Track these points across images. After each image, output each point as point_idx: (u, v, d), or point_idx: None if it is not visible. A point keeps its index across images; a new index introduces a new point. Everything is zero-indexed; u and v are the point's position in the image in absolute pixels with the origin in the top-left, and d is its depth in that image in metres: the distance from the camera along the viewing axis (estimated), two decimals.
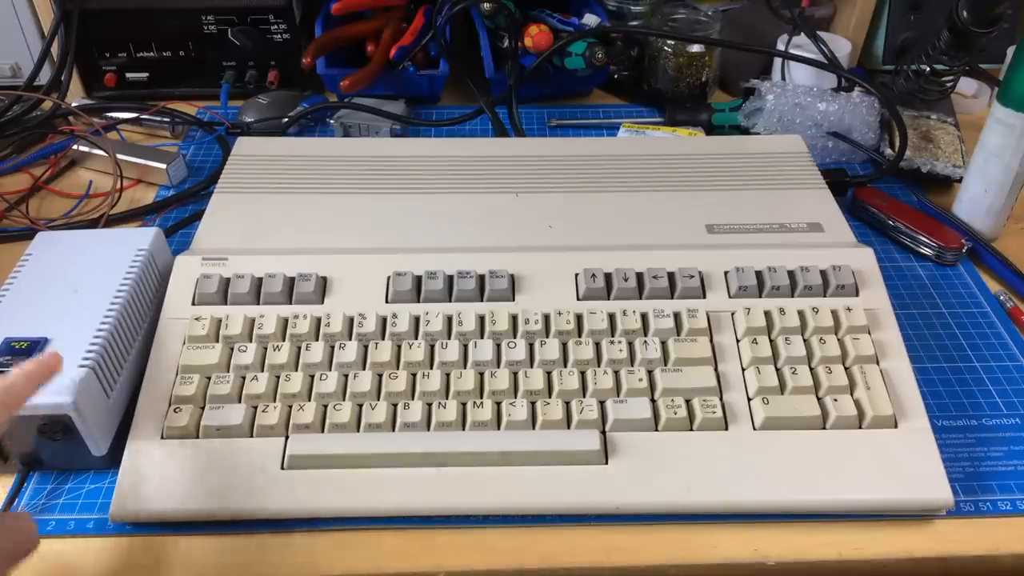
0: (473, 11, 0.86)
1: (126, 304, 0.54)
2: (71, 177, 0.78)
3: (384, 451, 0.49)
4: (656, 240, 0.60)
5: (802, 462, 0.49)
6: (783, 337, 0.54)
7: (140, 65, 0.87)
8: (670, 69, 0.86)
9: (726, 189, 0.66)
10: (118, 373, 0.52)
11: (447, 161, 0.68)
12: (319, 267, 0.57)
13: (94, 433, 0.49)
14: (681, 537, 0.48)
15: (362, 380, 0.52)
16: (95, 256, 0.57)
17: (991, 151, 0.66)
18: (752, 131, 0.80)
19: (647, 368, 0.53)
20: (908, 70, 0.81)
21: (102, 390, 0.50)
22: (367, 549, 0.47)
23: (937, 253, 0.68)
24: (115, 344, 0.52)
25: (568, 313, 0.55)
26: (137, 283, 0.55)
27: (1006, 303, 0.64)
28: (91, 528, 0.48)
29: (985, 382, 0.58)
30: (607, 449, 0.50)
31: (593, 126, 0.86)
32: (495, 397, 0.51)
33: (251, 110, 0.83)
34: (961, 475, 0.51)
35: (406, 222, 0.62)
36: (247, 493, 0.48)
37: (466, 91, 0.86)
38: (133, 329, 0.55)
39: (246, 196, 0.64)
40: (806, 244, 0.60)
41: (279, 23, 0.85)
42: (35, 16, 0.84)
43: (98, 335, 0.51)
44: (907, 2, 0.90)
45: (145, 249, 0.57)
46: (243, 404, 0.51)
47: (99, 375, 0.50)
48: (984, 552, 0.48)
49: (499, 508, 0.48)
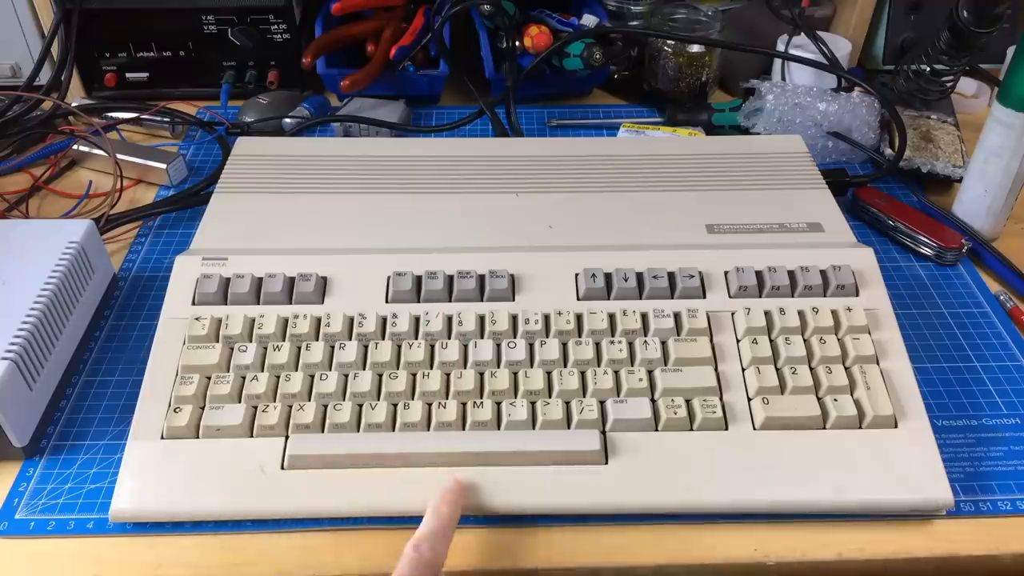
0: (473, 11, 0.86)
1: (53, 296, 0.54)
2: (71, 177, 0.78)
3: (384, 451, 0.49)
4: (656, 240, 0.60)
5: (802, 462, 0.49)
6: (783, 337, 0.54)
7: (140, 65, 0.87)
8: (670, 69, 0.86)
9: (726, 189, 0.66)
10: (42, 365, 0.53)
11: (447, 161, 0.69)
12: (319, 267, 0.57)
13: (14, 424, 0.50)
14: (681, 537, 0.48)
15: (362, 380, 0.52)
16: (26, 247, 0.57)
17: (991, 151, 0.66)
18: (752, 131, 0.80)
19: (647, 368, 0.53)
20: (908, 70, 0.81)
21: (24, 382, 0.51)
22: (367, 549, 0.47)
23: (937, 253, 0.67)
24: (39, 336, 0.52)
25: (568, 313, 0.55)
26: (66, 275, 0.56)
27: (1006, 303, 0.64)
28: (91, 528, 0.48)
29: (985, 382, 0.58)
30: (607, 449, 0.50)
31: (593, 126, 0.86)
32: (495, 397, 0.51)
33: (251, 110, 0.83)
34: (961, 475, 0.51)
35: (406, 222, 0.62)
36: (247, 493, 0.48)
37: (466, 91, 0.87)
38: (59, 321, 0.55)
39: (246, 196, 0.64)
40: (806, 244, 0.60)
41: (279, 23, 0.85)
42: (35, 16, 0.84)
43: (22, 327, 0.51)
44: (907, 2, 0.90)
45: (76, 242, 0.58)
46: (243, 404, 0.51)
47: (21, 367, 0.50)
48: (984, 552, 0.48)
49: (499, 508, 0.48)
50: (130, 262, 0.68)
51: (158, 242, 0.70)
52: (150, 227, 0.72)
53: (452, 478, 0.47)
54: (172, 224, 0.72)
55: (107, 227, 0.69)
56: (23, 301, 0.53)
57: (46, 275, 0.55)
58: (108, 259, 0.64)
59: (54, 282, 0.55)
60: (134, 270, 0.67)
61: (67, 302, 0.56)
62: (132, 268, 0.67)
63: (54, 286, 0.55)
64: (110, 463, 0.52)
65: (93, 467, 0.52)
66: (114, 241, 0.70)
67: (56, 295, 0.55)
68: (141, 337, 0.60)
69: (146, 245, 0.69)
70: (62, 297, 0.56)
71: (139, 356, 0.58)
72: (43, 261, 0.56)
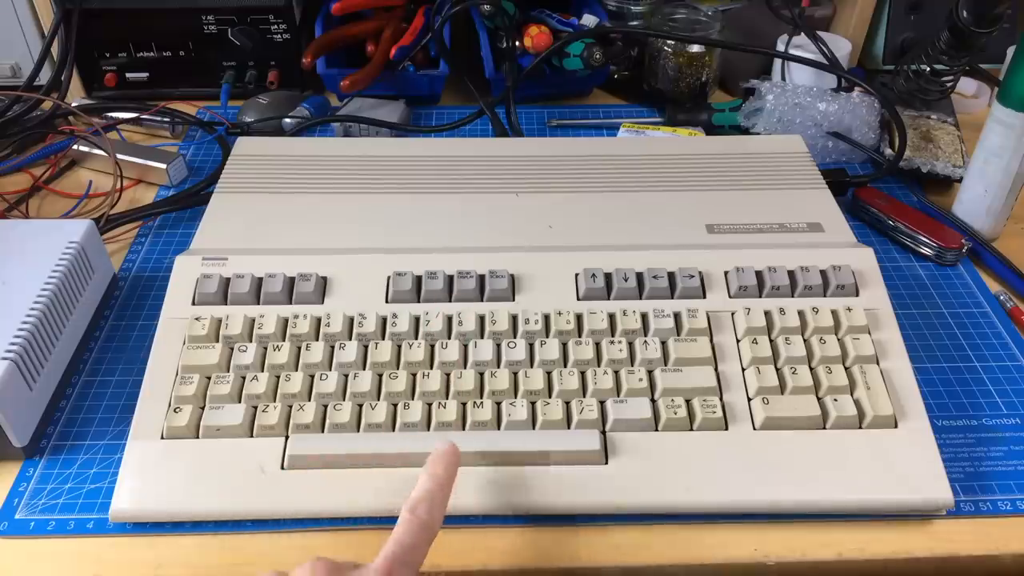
0: (473, 11, 0.86)
1: (53, 296, 0.54)
2: (71, 177, 0.78)
3: (384, 451, 0.49)
4: (656, 240, 0.60)
5: (802, 462, 0.49)
6: (783, 337, 0.54)
7: (140, 65, 0.87)
8: (670, 69, 0.86)
9: (726, 189, 0.66)
10: (42, 365, 0.53)
11: (447, 161, 0.68)
12: (319, 267, 0.57)
13: (14, 424, 0.50)
14: (681, 537, 0.48)
15: (362, 380, 0.52)
16: (26, 247, 0.57)
17: (991, 151, 0.66)
18: (752, 131, 0.80)
19: (647, 368, 0.53)
20: (908, 70, 0.81)
21: (24, 382, 0.51)
22: (367, 549, 0.47)
23: (937, 253, 0.67)
24: (39, 336, 0.52)
25: (568, 313, 0.55)
26: (66, 275, 0.56)
27: (1006, 303, 0.64)
28: (91, 528, 0.48)
29: (985, 382, 0.58)
30: (607, 449, 0.50)
31: (593, 126, 0.86)
32: (495, 397, 0.51)
33: (251, 110, 0.83)
34: (961, 475, 0.51)
35: (406, 222, 0.62)
36: (247, 493, 0.48)
37: (466, 91, 0.87)
38: (59, 321, 0.55)
39: (246, 196, 0.64)
40: (806, 244, 0.60)
41: (279, 23, 0.85)
42: (35, 16, 0.84)
43: (22, 327, 0.51)
44: (907, 2, 0.90)
45: (76, 242, 0.58)
46: (243, 404, 0.51)
47: (21, 367, 0.50)
48: (984, 552, 0.48)
49: (499, 508, 0.48)
50: (130, 262, 0.68)
51: (158, 242, 0.70)
52: (150, 227, 0.72)
53: (446, 440, 0.47)
54: (172, 224, 0.72)
55: (107, 227, 0.69)
56: (23, 301, 0.53)
57: (46, 275, 0.55)
58: (108, 259, 0.64)
59: (54, 282, 0.55)
60: (134, 270, 0.67)
61: (67, 302, 0.56)
62: (132, 268, 0.67)
63: (54, 286, 0.55)
64: (110, 463, 0.52)
65: (93, 467, 0.52)
66: (114, 241, 0.70)
67: (56, 295, 0.55)
68: (141, 337, 0.60)
69: (146, 245, 0.69)
70: (62, 297, 0.56)
71: (139, 356, 0.58)
72: (43, 261, 0.56)
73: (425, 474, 0.45)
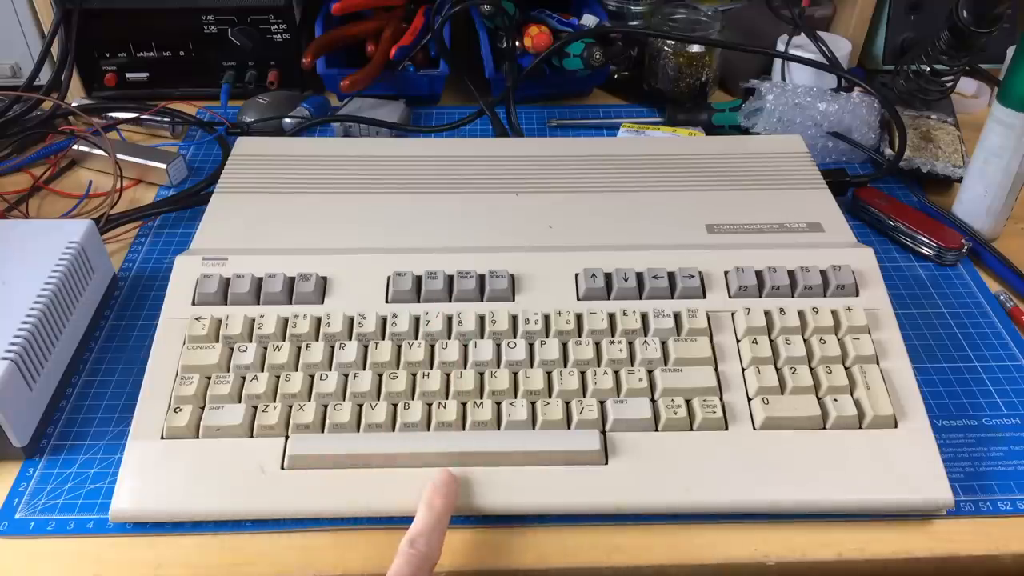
0: (473, 11, 0.86)
1: (53, 296, 0.54)
2: (71, 177, 0.78)
3: (384, 451, 0.49)
4: (656, 240, 0.60)
5: (802, 462, 0.49)
6: (783, 337, 0.54)
7: (140, 65, 0.87)
8: (670, 69, 0.86)
9: (726, 189, 0.66)
10: (42, 365, 0.53)
11: (447, 161, 0.69)
12: (319, 267, 0.57)
13: (14, 424, 0.50)
14: (681, 537, 0.48)
15: (362, 380, 0.52)
16: (26, 247, 0.57)
17: (991, 151, 0.66)
18: (752, 131, 0.80)
19: (647, 368, 0.53)
20: (908, 70, 0.81)
21: (24, 382, 0.51)
22: (367, 549, 0.47)
23: (937, 253, 0.67)
24: (39, 336, 0.52)
25: (568, 313, 0.55)
26: (66, 275, 0.56)
27: (1006, 303, 0.64)
28: (91, 528, 0.48)
29: (985, 382, 0.58)
30: (607, 449, 0.50)
31: (593, 126, 0.86)
32: (495, 397, 0.51)
33: (251, 110, 0.83)
34: (961, 475, 0.51)
35: (406, 222, 0.62)
36: (247, 493, 0.48)
37: (466, 91, 0.87)
38: (59, 321, 0.55)
39: (246, 196, 0.64)
40: (806, 244, 0.60)
41: (279, 23, 0.85)
42: (35, 16, 0.84)
43: (22, 327, 0.51)
44: (907, 2, 0.90)
45: (76, 242, 0.58)
46: (243, 404, 0.51)
47: (21, 367, 0.50)
48: (984, 552, 0.48)
49: (499, 508, 0.48)
50: (130, 262, 0.68)
51: (158, 242, 0.70)
52: (150, 227, 0.72)
53: (444, 471, 0.47)
54: (172, 224, 0.72)
55: (107, 227, 0.69)
56: (23, 301, 0.53)
57: (46, 275, 0.55)
58: (108, 259, 0.64)
59: (54, 282, 0.55)
60: (134, 270, 0.67)
61: (67, 302, 0.56)
62: (132, 268, 0.67)
63: (54, 286, 0.55)
64: (110, 463, 0.52)
65: (93, 467, 0.52)
66: (114, 241, 0.70)
67: (56, 295, 0.55)
68: (141, 337, 0.60)
69: (146, 245, 0.69)
70: (62, 297, 0.56)
71: (139, 356, 0.58)
72: (43, 261, 0.56)
73: (424, 505, 0.45)
